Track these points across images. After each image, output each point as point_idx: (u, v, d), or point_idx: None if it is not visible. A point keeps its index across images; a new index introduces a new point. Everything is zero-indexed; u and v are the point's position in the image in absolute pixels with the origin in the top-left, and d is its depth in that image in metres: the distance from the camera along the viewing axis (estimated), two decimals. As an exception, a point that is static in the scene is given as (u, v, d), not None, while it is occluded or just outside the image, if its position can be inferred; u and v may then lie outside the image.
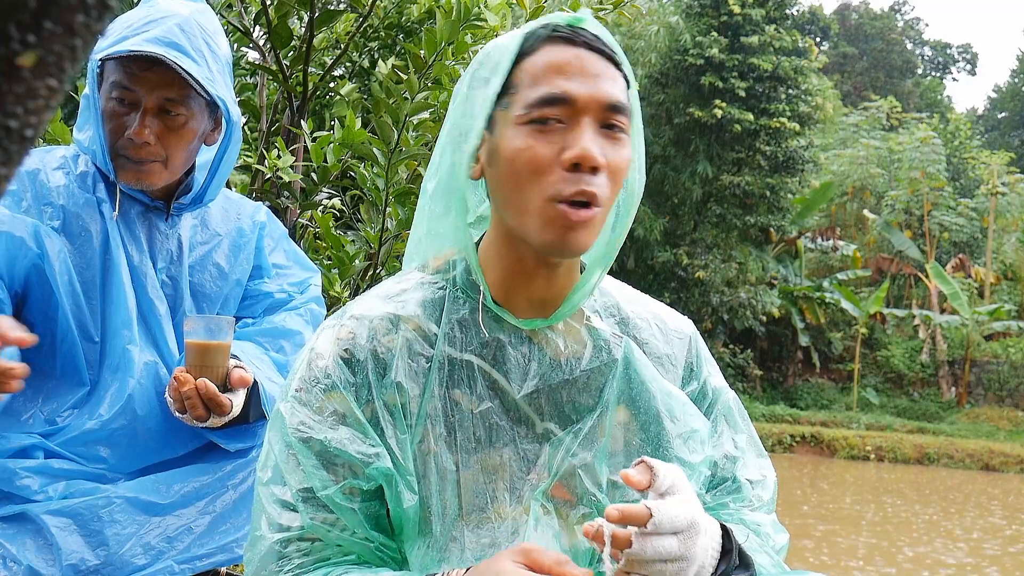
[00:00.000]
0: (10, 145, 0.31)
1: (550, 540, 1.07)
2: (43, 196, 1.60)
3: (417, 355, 1.07)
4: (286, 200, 2.80)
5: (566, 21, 1.06)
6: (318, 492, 1.02)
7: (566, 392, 1.10)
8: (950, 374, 21.92)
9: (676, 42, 20.60)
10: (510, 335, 1.09)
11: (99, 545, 1.48)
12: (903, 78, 42.68)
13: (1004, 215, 24.50)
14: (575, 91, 1.01)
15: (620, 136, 1.03)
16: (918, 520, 11.62)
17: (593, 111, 1.01)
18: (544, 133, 1.01)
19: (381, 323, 1.08)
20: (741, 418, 1.23)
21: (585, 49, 1.04)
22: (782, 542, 1.18)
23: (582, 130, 1.00)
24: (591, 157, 0.99)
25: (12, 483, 1.50)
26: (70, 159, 1.66)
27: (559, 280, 1.10)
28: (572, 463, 1.09)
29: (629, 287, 1.25)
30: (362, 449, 1.03)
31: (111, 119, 1.58)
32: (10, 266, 1.54)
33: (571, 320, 1.13)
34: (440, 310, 1.10)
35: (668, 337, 1.19)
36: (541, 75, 1.03)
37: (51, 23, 0.30)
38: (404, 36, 3.30)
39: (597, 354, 1.12)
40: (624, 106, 1.03)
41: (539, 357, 1.09)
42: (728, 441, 1.19)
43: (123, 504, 1.52)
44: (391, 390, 1.05)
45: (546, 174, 1.00)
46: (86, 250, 1.60)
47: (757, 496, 1.19)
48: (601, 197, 1.01)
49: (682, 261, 20.85)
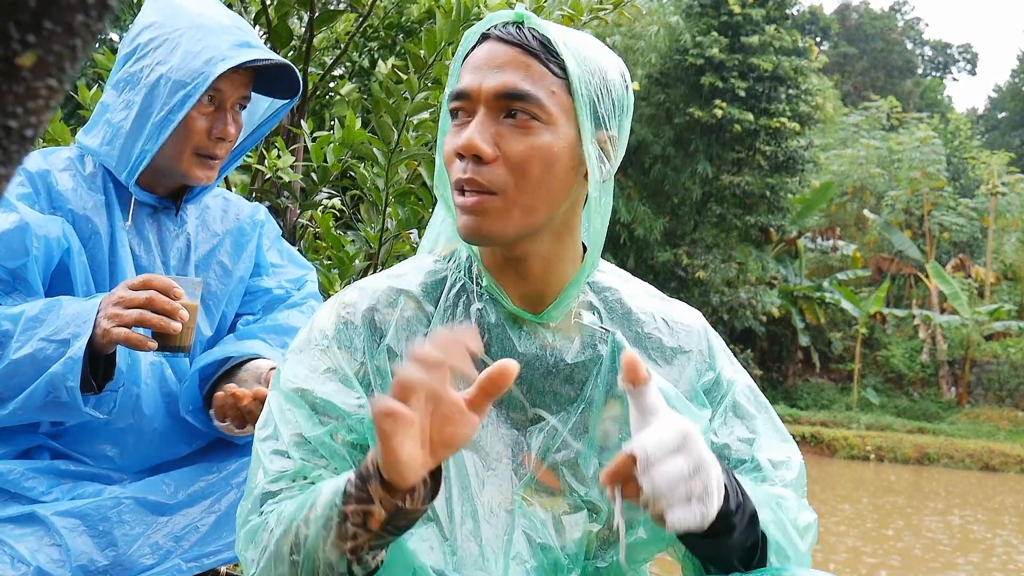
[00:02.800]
0: (10, 145, 0.31)
1: (539, 529, 1.08)
2: (54, 198, 1.60)
3: (413, 330, 1.10)
4: (286, 200, 2.80)
5: (502, 20, 1.09)
6: (307, 435, 1.04)
7: (549, 382, 1.11)
8: (950, 374, 21.92)
9: (676, 42, 20.60)
10: (503, 320, 1.11)
11: (108, 546, 1.49)
12: (903, 78, 42.68)
13: (1004, 215, 24.51)
14: (468, 84, 1.06)
15: (529, 124, 1.04)
16: (918, 520, 11.62)
17: (486, 102, 1.04)
18: (456, 127, 1.07)
19: (383, 295, 1.12)
20: (757, 405, 1.20)
21: (502, 44, 1.06)
22: (807, 520, 1.11)
23: (474, 121, 1.04)
24: (468, 146, 1.03)
25: (19, 484, 1.51)
26: (75, 160, 1.66)
27: (534, 272, 1.11)
28: (560, 454, 1.10)
29: (637, 280, 1.25)
30: (349, 401, 1.05)
31: (200, 120, 1.61)
32: (47, 269, 1.55)
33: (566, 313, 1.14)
34: (440, 291, 1.13)
35: (674, 330, 1.19)
36: (460, 73, 1.09)
37: (51, 23, 0.30)
38: (404, 36, 3.29)
39: (583, 349, 1.13)
40: (526, 93, 1.03)
41: (527, 345, 1.11)
42: (740, 427, 1.17)
43: (131, 504, 1.53)
44: (383, 355, 1.08)
45: (452, 165, 1.07)
46: (96, 252, 1.61)
47: (780, 477, 1.15)
48: (492, 185, 1.03)
49: (682, 261, 20.85)
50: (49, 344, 1.41)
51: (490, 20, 1.09)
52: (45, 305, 1.45)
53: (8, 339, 1.43)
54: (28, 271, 1.51)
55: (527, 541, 1.07)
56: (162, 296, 1.41)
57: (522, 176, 1.04)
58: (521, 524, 1.08)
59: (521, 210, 1.05)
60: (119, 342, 1.41)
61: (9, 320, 1.43)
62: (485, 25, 1.09)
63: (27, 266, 1.50)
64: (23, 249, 1.49)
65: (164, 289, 1.42)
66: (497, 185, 1.03)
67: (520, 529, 1.07)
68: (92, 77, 3.34)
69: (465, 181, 1.04)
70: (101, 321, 1.41)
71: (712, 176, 20.93)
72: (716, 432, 1.16)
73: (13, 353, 1.42)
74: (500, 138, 1.04)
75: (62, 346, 1.41)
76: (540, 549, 1.08)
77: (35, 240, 1.50)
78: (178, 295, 1.43)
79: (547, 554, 1.08)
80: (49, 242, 1.53)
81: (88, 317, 1.42)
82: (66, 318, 1.43)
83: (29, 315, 1.44)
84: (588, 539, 1.10)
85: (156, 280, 1.42)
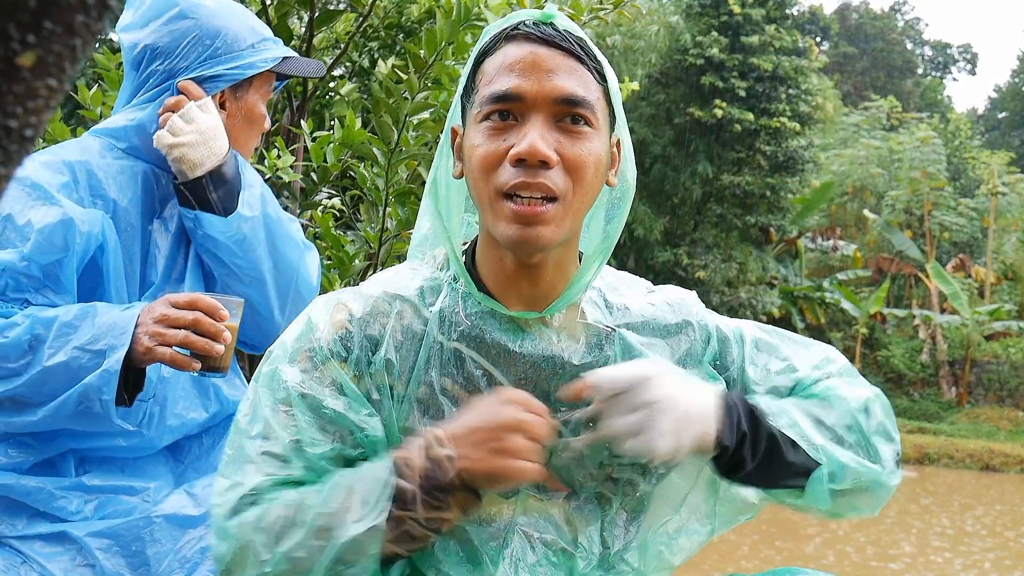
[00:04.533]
0: (10, 145, 0.31)
1: (543, 525, 1.08)
2: (95, 188, 1.56)
3: (408, 338, 1.09)
4: (286, 200, 2.80)
5: (530, 19, 1.07)
6: (305, 447, 1.02)
7: (555, 385, 1.10)
8: (950, 374, 21.91)
9: (676, 42, 20.58)
10: (503, 326, 1.10)
11: (141, 565, 1.47)
12: (903, 78, 42.66)
13: (1004, 215, 24.48)
14: (523, 88, 1.03)
15: (583, 130, 1.04)
16: (918, 520, 11.62)
17: (544, 106, 1.03)
18: (497, 130, 1.04)
19: (377, 302, 1.10)
20: (772, 334, 1.22)
21: (543, 46, 1.05)
22: (862, 397, 1.14)
23: (530, 126, 1.02)
24: (535, 151, 1.00)
25: (49, 503, 1.48)
26: (111, 152, 1.61)
27: (546, 277, 1.10)
28: (567, 455, 1.09)
29: (625, 274, 1.26)
30: (357, 418, 1.04)
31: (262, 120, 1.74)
32: (81, 265, 1.50)
33: (567, 313, 1.13)
34: (435, 298, 1.11)
35: (673, 307, 1.20)
36: (495, 74, 1.05)
37: (51, 23, 0.30)
38: (404, 36, 3.29)
39: (590, 350, 1.12)
40: (583, 99, 1.04)
41: (530, 349, 1.10)
42: (772, 361, 1.20)
43: (162, 523, 1.51)
44: (380, 367, 1.07)
45: (495, 170, 1.03)
46: (131, 245, 1.58)
47: (826, 373, 1.18)
48: (556, 190, 1.02)
49: (682, 261, 20.84)
50: (84, 353, 1.37)
51: (513, 17, 1.08)
52: (80, 311, 1.41)
53: (41, 344, 1.38)
54: (63, 269, 1.45)
55: (527, 540, 1.07)
56: (208, 319, 1.38)
57: (579, 182, 1.04)
58: (522, 524, 1.07)
59: (573, 216, 1.05)
60: (163, 362, 1.38)
61: (42, 325, 1.39)
62: (508, 22, 1.08)
63: (63, 263, 1.45)
64: (63, 245, 1.44)
65: (210, 311, 1.39)
66: (560, 191, 1.02)
67: (520, 530, 1.07)
68: (92, 77, 3.34)
69: (527, 186, 1.01)
70: (142, 337, 1.38)
71: (712, 176, 20.91)
72: (756, 381, 1.17)
73: (46, 360, 1.38)
74: (558, 144, 1.03)
75: (97, 357, 1.37)
76: (544, 545, 1.08)
77: (78, 236, 1.45)
78: (223, 317, 1.40)
79: (552, 549, 1.08)
80: (89, 238, 1.48)
81: (126, 328, 1.38)
82: (102, 327, 1.39)
83: (63, 320, 1.39)
84: (602, 527, 1.11)
85: (202, 301, 1.40)
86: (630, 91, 3.13)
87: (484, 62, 1.08)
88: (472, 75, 1.10)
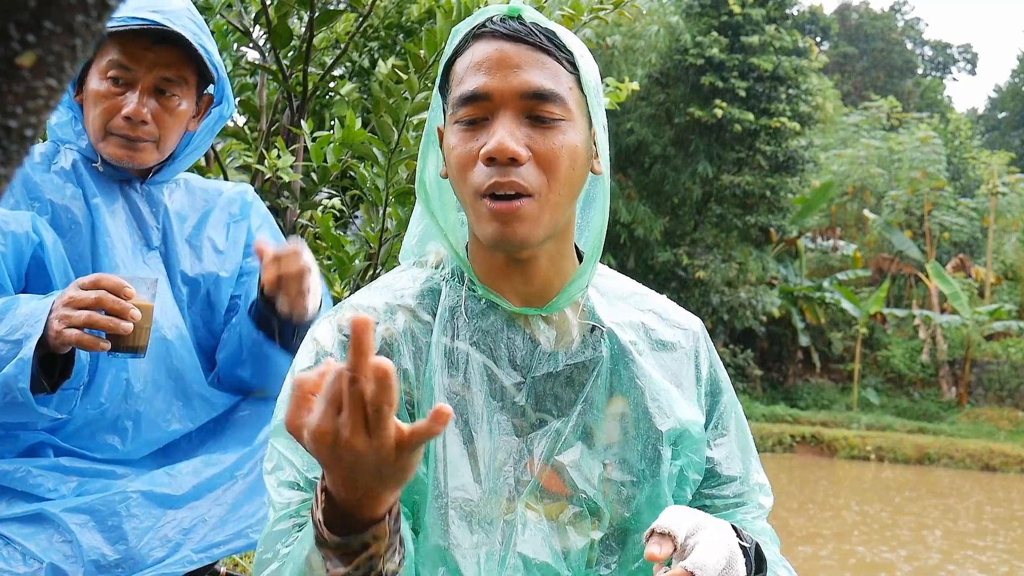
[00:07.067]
0: (10, 145, 0.31)
1: (540, 543, 1.07)
2: (31, 191, 1.59)
3: (414, 344, 1.08)
4: (286, 200, 2.80)
5: (497, 15, 1.06)
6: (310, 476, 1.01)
7: (549, 384, 1.10)
8: (950, 374, 21.91)
9: (676, 42, 20.59)
10: (503, 324, 1.10)
11: (118, 540, 1.49)
12: (903, 78, 42.67)
13: (1004, 215, 24.49)
14: (490, 85, 1.02)
15: (555, 123, 1.03)
16: (919, 520, 11.61)
17: (511, 102, 1.02)
18: (471, 130, 1.04)
19: (379, 313, 1.09)
20: (739, 420, 1.23)
21: (508, 41, 1.04)
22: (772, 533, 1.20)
23: (499, 123, 1.02)
24: (504, 149, 1.00)
25: (26, 482, 1.50)
26: (49, 153, 1.65)
27: (540, 273, 1.10)
28: (564, 456, 1.09)
29: (632, 281, 1.25)
30: None
31: (104, 98, 1.58)
32: (18, 265, 1.53)
33: (566, 312, 1.13)
34: (436, 300, 1.11)
35: (672, 326, 1.20)
36: (464, 73, 1.05)
37: (51, 23, 0.30)
38: (404, 36, 3.29)
39: (583, 349, 1.12)
40: (551, 92, 1.03)
41: (530, 347, 1.10)
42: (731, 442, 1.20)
43: (139, 498, 1.53)
44: (399, 379, 1.05)
45: (471, 170, 1.03)
46: (77, 242, 1.59)
47: (759, 505, 1.21)
48: (529, 187, 1.01)
49: (682, 261, 20.84)
50: (4, 344, 1.39)
51: (482, 14, 1.07)
52: (3, 304, 1.43)
53: None
54: None
55: (523, 557, 1.06)
56: (112, 296, 1.36)
57: (553, 176, 1.03)
58: (519, 537, 1.06)
59: (552, 210, 1.04)
60: (71, 344, 1.37)
61: None
62: (476, 20, 1.07)
63: None
64: None
65: (114, 289, 1.37)
66: (533, 187, 1.02)
67: (517, 543, 1.06)
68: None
69: (500, 185, 1.01)
70: (52, 322, 1.38)
71: (712, 176, 20.92)
72: (711, 443, 1.18)
73: None
74: (528, 139, 1.02)
75: (15, 347, 1.38)
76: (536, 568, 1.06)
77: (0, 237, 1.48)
78: (129, 295, 1.38)
79: (545, 571, 1.07)
80: (17, 237, 1.50)
81: (40, 316, 1.38)
82: (20, 317, 1.40)
83: None
84: (591, 547, 1.10)
85: (106, 280, 1.38)
86: (630, 91, 3.13)
87: (455, 62, 1.08)
88: (446, 76, 1.09)
